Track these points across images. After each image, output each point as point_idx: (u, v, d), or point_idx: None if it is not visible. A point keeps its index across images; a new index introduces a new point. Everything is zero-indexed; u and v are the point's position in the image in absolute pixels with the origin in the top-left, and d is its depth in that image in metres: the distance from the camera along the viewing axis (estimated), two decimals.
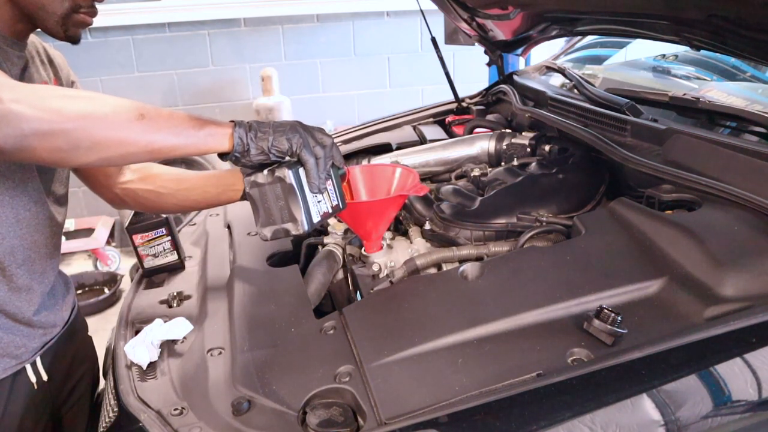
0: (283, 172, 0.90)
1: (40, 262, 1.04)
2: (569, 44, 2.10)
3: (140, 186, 1.21)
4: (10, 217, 0.97)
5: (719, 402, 0.74)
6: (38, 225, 1.02)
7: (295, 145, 0.89)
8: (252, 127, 0.89)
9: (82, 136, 0.79)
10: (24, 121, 0.74)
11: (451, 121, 1.97)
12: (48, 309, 1.08)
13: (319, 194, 0.95)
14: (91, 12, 0.98)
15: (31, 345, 1.05)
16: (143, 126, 0.82)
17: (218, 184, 1.20)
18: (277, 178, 0.91)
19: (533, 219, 1.16)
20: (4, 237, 0.96)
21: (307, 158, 0.90)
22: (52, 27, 0.96)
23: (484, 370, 0.78)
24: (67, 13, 0.95)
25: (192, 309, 1.13)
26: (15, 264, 0.99)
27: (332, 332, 0.92)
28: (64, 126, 0.77)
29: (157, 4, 3.57)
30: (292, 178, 0.90)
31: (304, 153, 0.90)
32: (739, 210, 0.97)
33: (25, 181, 0.99)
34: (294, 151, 0.89)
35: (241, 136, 0.88)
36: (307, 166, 0.91)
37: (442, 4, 1.84)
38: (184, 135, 0.86)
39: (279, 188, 0.91)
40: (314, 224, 0.94)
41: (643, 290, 0.88)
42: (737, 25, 1.08)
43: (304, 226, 0.92)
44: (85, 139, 0.79)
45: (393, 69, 3.98)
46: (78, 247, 3.52)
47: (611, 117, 1.39)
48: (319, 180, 0.92)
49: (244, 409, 0.79)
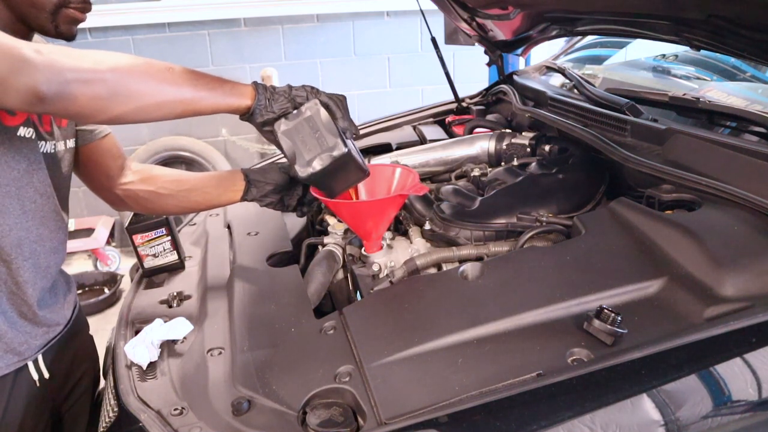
0: (310, 107, 0.97)
1: (45, 256, 1.04)
2: (569, 44, 2.10)
3: (141, 187, 1.21)
4: (16, 208, 0.97)
5: (719, 402, 0.74)
6: (44, 218, 1.02)
7: (312, 94, 0.98)
8: (269, 88, 0.98)
9: (121, 84, 0.85)
10: (66, 70, 0.80)
11: (451, 121, 1.97)
12: (50, 307, 1.08)
13: (347, 133, 1.01)
14: (83, 8, 0.97)
15: (34, 342, 1.05)
16: (174, 77, 0.90)
17: (219, 184, 1.20)
18: (307, 113, 0.97)
19: (533, 219, 1.16)
20: (11, 228, 0.96)
21: (327, 99, 0.98)
22: (43, 23, 0.95)
23: (484, 370, 0.78)
24: (55, 9, 0.94)
25: (192, 309, 1.13)
26: (22, 257, 0.99)
27: (332, 332, 0.92)
28: (104, 75, 0.83)
29: (157, 4, 3.57)
30: (320, 108, 0.97)
31: (323, 96, 0.99)
32: (739, 210, 0.97)
33: (31, 172, 0.98)
34: (313, 96, 0.98)
35: (261, 91, 0.96)
36: (330, 105, 0.98)
37: (442, 4, 1.84)
38: (210, 86, 0.92)
39: (312, 121, 0.97)
40: (352, 149, 0.99)
41: (643, 290, 0.88)
42: (737, 25, 1.08)
43: (344, 146, 0.97)
44: (123, 87, 0.85)
45: (393, 69, 3.98)
46: (78, 247, 3.52)
47: (611, 117, 1.39)
48: (344, 115, 0.99)
49: (244, 409, 0.79)
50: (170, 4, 3.57)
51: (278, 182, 1.17)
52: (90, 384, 1.26)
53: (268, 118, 0.96)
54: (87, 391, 1.24)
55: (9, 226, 0.96)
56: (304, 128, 0.97)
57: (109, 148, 1.19)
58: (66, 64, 0.80)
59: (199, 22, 3.65)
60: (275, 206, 1.20)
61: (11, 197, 0.95)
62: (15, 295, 1.00)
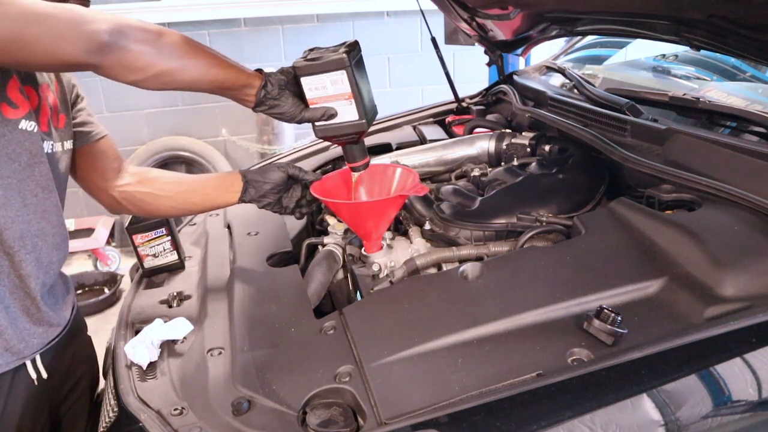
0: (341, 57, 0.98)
1: (48, 252, 1.04)
2: (569, 44, 2.10)
3: (138, 188, 1.20)
4: (18, 201, 0.97)
5: (719, 402, 0.74)
6: (45, 212, 1.02)
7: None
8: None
9: (166, 42, 0.93)
10: (124, 25, 0.89)
11: (451, 121, 1.97)
12: (49, 306, 1.08)
13: None
14: (81, 4, 0.98)
15: (32, 341, 1.05)
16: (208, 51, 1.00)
17: (216, 186, 1.20)
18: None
19: (533, 219, 1.16)
20: (13, 221, 0.96)
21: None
22: None
23: (484, 370, 0.78)
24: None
25: (192, 309, 1.14)
26: (24, 250, 0.99)
27: (332, 332, 0.92)
28: (152, 35, 0.92)
29: (157, 4, 3.57)
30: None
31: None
32: (739, 210, 0.97)
33: (32, 165, 0.98)
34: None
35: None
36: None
37: (442, 4, 1.84)
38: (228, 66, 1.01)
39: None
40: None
41: (643, 290, 0.88)
42: (737, 25, 1.08)
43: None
44: (167, 44, 0.93)
45: (393, 69, 3.98)
46: (78, 247, 3.52)
47: (611, 117, 1.39)
48: None
49: (244, 409, 0.79)
50: (170, 4, 3.57)
51: (276, 181, 1.17)
52: (88, 385, 1.26)
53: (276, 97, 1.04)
54: (85, 391, 1.24)
55: (11, 218, 0.96)
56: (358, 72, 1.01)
57: (105, 149, 1.19)
58: (124, 21, 0.89)
59: (199, 22, 3.65)
60: (273, 207, 1.19)
61: (12, 189, 0.96)
62: (18, 289, 1.00)
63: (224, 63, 0.99)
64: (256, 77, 1.02)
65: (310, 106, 1.04)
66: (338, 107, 1.02)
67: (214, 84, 0.99)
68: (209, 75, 0.98)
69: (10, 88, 0.94)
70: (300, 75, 1.01)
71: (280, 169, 1.18)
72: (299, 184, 1.20)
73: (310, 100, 1.03)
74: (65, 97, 1.11)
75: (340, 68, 0.97)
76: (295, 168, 1.19)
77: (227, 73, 0.99)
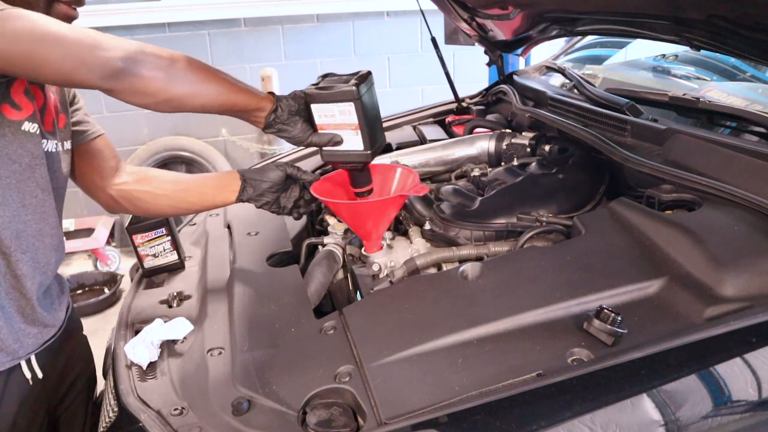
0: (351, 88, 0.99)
1: (45, 252, 1.04)
2: (569, 44, 2.10)
3: (136, 187, 1.20)
4: (16, 201, 0.97)
5: (719, 402, 0.74)
6: (44, 214, 1.03)
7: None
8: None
9: (177, 69, 0.94)
10: (136, 51, 0.90)
11: (451, 121, 1.97)
12: (44, 307, 1.08)
13: None
14: (75, 2, 0.99)
15: (27, 341, 1.05)
16: (217, 74, 1.00)
17: (215, 185, 1.20)
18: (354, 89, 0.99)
19: (533, 219, 1.16)
20: (10, 221, 0.97)
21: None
22: None
23: (484, 370, 0.78)
24: (48, 3, 0.95)
25: (192, 309, 1.14)
26: (20, 250, 0.99)
27: (332, 332, 0.92)
28: (164, 61, 0.92)
29: (157, 4, 3.57)
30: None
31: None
32: (739, 210, 0.97)
33: (33, 167, 0.98)
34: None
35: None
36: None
37: (442, 4, 1.84)
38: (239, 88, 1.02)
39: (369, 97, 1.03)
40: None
41: (643, 290, 0.88)
42: (737, 25, 1.08)
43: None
44: (179, 71, 0.94)
45: (393, 69, 3.98)
46: (78, 247, 3.52)
47: (611, 117, 1.39)
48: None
49: (244, 409, 0.79)
50: (170, 4, 3.57)
51: (275, 181, 1.17)
52: (85, 385, 1.25)
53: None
54: (83, 392, 1.24)
55: (8, 218, 0.96)
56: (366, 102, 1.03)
57: (102, 148, 1.19)
58: (138, 47, 0.90)
59: (199, 22, 3.65)
60: (271, 207, 1.19)
61: (11, 189, 0.96)
62: (14, 289, 1.00)
63: (235, 87, 1.00)
64: (267, 100, 1.03)
65: (318, 131, 1.06)
66: (345, 136, 1.04)
67: (224, 107, 1.00)
68: (219, 100, 0.98)
69: (15, 90, 0.94)
70: (310, 102, 1.03)
71: (279, 169, 1.18)
72: (297, 184, 1.20)
73: (319, 125, 1.06)
74: (64, 98, 1.11)
75: (349, 100, 0.99)
76: (293, 168, 1.19)
77: (238, 98, 1.00)
